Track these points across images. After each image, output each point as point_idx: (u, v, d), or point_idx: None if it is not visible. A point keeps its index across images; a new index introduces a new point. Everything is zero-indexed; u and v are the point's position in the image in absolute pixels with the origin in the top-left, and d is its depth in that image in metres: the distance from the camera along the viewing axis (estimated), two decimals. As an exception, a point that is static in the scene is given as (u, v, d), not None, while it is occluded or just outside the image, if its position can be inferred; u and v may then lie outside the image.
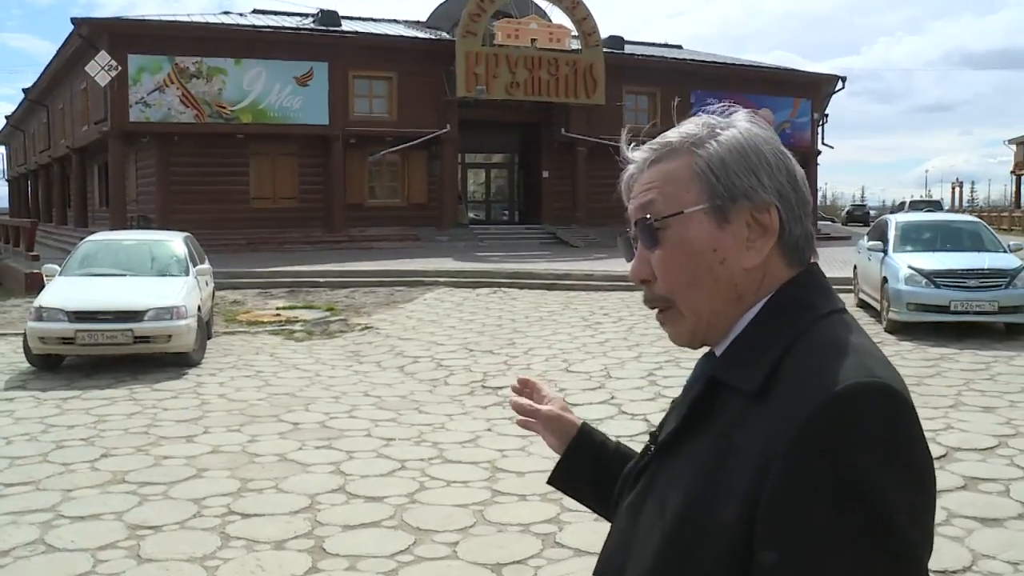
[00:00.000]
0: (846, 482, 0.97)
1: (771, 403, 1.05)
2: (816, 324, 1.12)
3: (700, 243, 1.15)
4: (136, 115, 26.58)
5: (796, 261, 1.17)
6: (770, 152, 1.17)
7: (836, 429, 0.99)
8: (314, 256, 24.45)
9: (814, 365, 1.05)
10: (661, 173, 1.19)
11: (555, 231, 30.88)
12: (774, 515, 1.00)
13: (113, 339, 10.06)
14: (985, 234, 13.69)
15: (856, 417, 0.99)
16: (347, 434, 7.61)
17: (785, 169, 1.18)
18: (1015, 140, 69.21)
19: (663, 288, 1.19)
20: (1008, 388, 8.87)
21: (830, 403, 1.00)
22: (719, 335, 1.18)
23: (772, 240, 1.14)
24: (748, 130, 1.19)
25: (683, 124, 1.22)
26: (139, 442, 7.32)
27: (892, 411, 1.01)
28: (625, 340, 11.87)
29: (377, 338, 12.78)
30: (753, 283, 1.16)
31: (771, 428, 1.02)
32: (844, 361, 1.04)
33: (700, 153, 1.17)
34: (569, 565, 4.81)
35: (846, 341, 1.09)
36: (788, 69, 39.79)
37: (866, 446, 0.98)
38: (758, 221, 1.14)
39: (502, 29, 30.03)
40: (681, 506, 1.10)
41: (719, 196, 1.15)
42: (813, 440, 0.99)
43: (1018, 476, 6.14)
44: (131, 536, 5.25)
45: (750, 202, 1.14)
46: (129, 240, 12.99)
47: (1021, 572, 4.64)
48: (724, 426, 1.10)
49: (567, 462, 1.57)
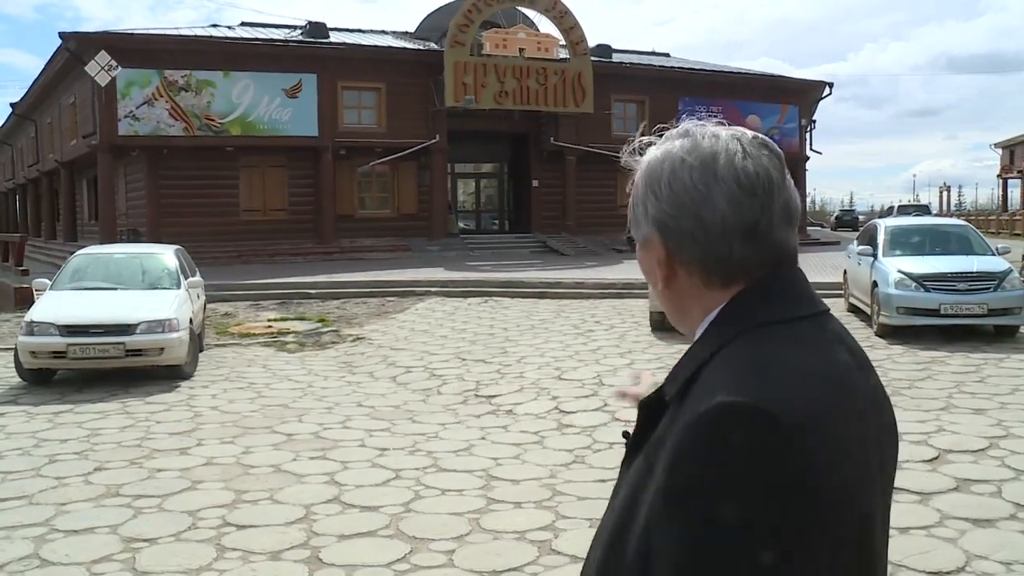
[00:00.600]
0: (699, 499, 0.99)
1: (682, 415, 1.06)
2: (742, 337, 1.11)
3: (644, 264, 1.25)
4: (125, 128, 26.57)
5: (719, 280, 1.16)
6: (666, 179, 1.17)
7: (699, 444, 1.00)
8: (305, 267, 24.43)
9: (716, 379, 1.06)
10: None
11: (545, 240, 30.93)
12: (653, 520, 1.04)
13: (105, 353, 10.04)
14: (973, 237, 13.76)
15: (717, 438, 0.99)
16: (341, 444, 7.61)
17: (672, 195, 1.16)
18: (1001, 144, 69.61)
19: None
20: (998, 390, 8.91)
21: (704, 418, 1.01)
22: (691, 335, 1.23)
23: (666, 268, 1.19)
24: (652, 157, 1.21)
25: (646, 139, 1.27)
26: (132, 455, 7.30)
27: (752, 436, 0.98)
28: (617, 347, 11.90)
29: (369, 348, 12.78)
30: (681, 301, 1.21)
31: (674, 439, 1.05)
32: (737, 379, 1.04)
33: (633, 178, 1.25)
34: (565, 572, 4.82)
35: (759, 357, 1.07)
36: (775, 76, 39.98)
37: (718, 468, 0.98)
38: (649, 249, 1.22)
39: (490, 39, 30.12)
40: (620, 506, 1.16)
41: (635, 220, 1.23)
42: (681, 449, 1.02)
43: (1009, 477, 6.17)
44: (126, 549, 5.24)
45: (641, 233, 1.22)
46: (120, 253, 12.97)
47: (1014, 572, 4.67)
48: (660, 432, 1.12)
49: None
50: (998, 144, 69.96)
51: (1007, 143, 68.09)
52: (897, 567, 4.61)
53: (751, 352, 1.08)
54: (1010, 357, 10.68)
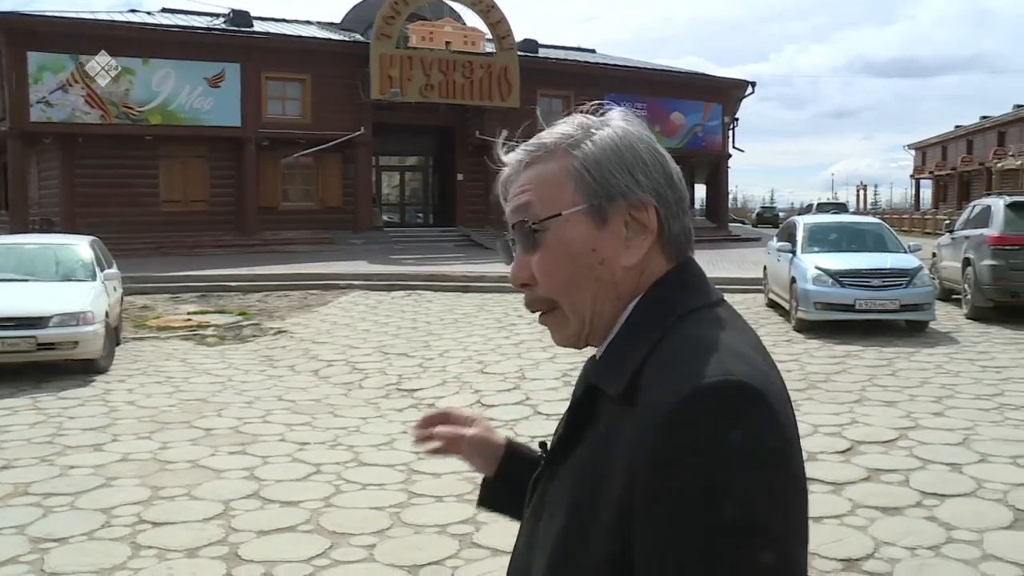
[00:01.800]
0: (704, 485, 0.96)
1: (635, 407, 1.04)
2: (681, 322, 1.10)
3: (579, 244, 1.14)
4: (37, 115, 25.76)
5: (675, 257, 1.17)
6: (645, 150, 1.17)
7: (689, 432, 0.97)
8: (226, 260, 24.00)
9: (671, 366, 1.04)
10: (536, 175, 1.17)
11: (469, 233, 30.92)
12: (643, 520, 0.99)
13: (15, 347, 9.72)
14: (887, 235, 14.18)
15: (707, 418, 0.98)
16: (261, 439, 7.51)
17: (661, 167, 1.17)
18: (914, 145, 71.85)
19: (545, 290, 1.17)
20: (908, 383, 9.20)
21: (682, 406, 0.98)
22: (601, 336, 1.18)
23: (651, 238, 1.14)
24: (623, 128, 1.18)
25: (557, 124, 1.20)
26: (43, 452, 7.09)
27: (743, 409, 0.99)
28: (540, 341, 11.95)
29: (291, 342, 12.63)
30: (631, 281, 1.15)
31: (634, 433, 1.01)
32: (699, 360, 1.02)
33: (575, 154, 1.15)
34: (486, 565, 4.83)
35: (707, 338, 1.07)
36: (700, 74, 40.59)
37: (719, 446, 0.96)
38: (636, 219, 1.14)
39: (416, 32, 29.98)
40: (566, 513, 1.10)
41: (596, 196, 1.14)
42: (669, 444, 0.97)
43: (917, 467, 6.38)
44: (34, 550, 5.08)
45: (627, 201, 1.14)
46: (31, 244, 12.54)
47: (918, 556, 4.83)
48: (601, 431, 1.10)
49: (503, 481, 1.50)
50: (911, 146, 72.26)
51: (919, 145, 70.35)
52: (811, 555, 4.71)
53: (699, 335, 1.08)
54: (920, 351, 11.03)
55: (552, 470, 1.20)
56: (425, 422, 1.56)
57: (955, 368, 9.99)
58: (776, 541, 0.97)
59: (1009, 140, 53.23)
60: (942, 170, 63.19)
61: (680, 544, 0.96)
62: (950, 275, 15.42)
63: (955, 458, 6.56)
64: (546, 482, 1.21)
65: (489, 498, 1.55)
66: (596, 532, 1.04)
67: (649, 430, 0.99)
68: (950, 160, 62.25)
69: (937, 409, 8.09)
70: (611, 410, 1.09)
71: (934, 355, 10.80)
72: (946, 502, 5.66)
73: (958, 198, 56.47)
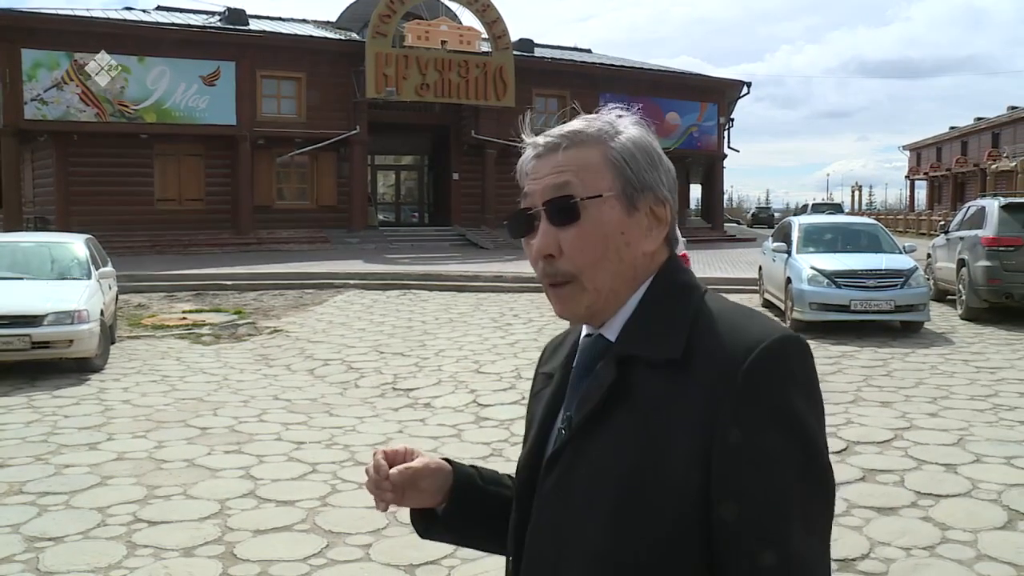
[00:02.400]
0: (786, 418, 1.14)
1: (700, 365, 1.17)
2: (706, 298, 1.26)
3: (612, 225, 1.25)
4: (32, 112, 25.71)
5: (671, 249, 1.32)
6: (661, 154, 1.31)
7: (773, 374, 1.15)
8: (221, 259, 23.98)
9: (730, 328, 1.19)
10: (575, 158, 1.27)
11: (465, 233, 30.93)
12: (733, 447, 1.12)
13: (9, 345, 9.70)
14: (882, 236, 14.20)
15: (785, 364, 1.16)
16: (257, 438, 7.50)
17: (671, 171, 1.32)
18: (909, 146, 71.98)
19: (570, 263, 1.26)
20: (903, 383, 9.22)
21: (764, 354, 1.15)
22: (610, 313, 1.28)
23: (665, 231, 1.29)
24: (646, 131, 1.32)
25: (583, 118, 1.31)
26: (38, 451, 7.08)
27: (805, 357, 1.19)
28: (535, 341, 11.95)
29: (286, 341, 12.62)
30: (645, 266, 1.28)
31: (709, 383, 1.15)
32: (754, 322, 1.20)
33: (613, 145, 1.27)
34: (482, 564, 4.84)
35: (740, 309, 1.25)
36: (695, 74, 40.60)
37: (795, 387, 1.16)
38: (655, 213, 1.28)
39: (412, 31, 29.96)
40: (625, 477, 1.17)
41: (631, 185, 1.26)
42: (755, 387, 1.13)
43: (912, 467, 6.40)
44: (29, 549, 5.07)
45: (653, 195, 1.28)
46: (26, 242, 12.50)
47: (913, 556, 4.85)
48: (648, 396, 1.19)
49: (458, 506, 1.47)
50: (906, 146, 72.42)
51: (914, 146, 70.49)
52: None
53: (732, 307, 1.25)
54: (915, 352, 11.06)
55: (579, 444, 1.24)
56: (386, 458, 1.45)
57: (950, 369, 10.02)
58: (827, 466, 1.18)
59: (1003, 141, 53.41)
60: (937, 171, 63.35)
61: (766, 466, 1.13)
62: (945, 276, 15.45)
63: (950, 458, 6.58)
64: (570, 459, 1.25)
65: (448, 524, 1.49)
66: (668, 487, 1.15)
67: (731, 381, 1.13)
68: (945, 161, 62.40)
69: (932, 410, 8.11)
70: (656, 377, 1.19)
71: (929, 356, 10.83)
72: (941, 502, 5.68)
73: (953, 199, 56.63)
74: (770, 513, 1.12)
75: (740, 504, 1.12)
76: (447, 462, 1.49)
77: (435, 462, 1.47)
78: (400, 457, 1.45)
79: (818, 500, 1.16)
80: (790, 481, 1.13)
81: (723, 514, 1.13)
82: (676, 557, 1.15)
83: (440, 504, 1.48)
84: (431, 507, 1.49)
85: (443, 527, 1.50)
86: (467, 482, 1.49)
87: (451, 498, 1.47)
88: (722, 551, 1.14)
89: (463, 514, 1.48)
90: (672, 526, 1.15)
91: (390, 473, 1.42)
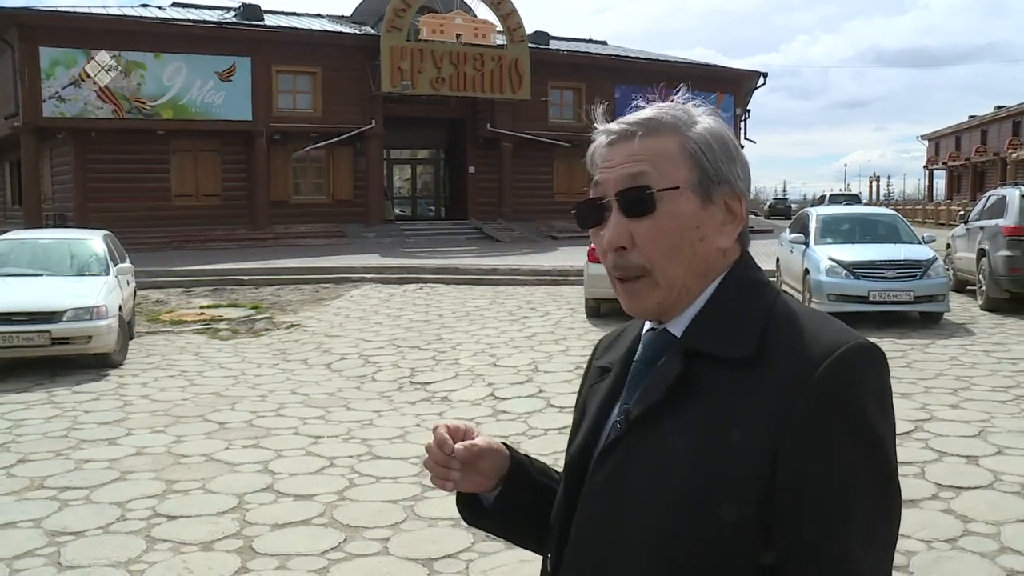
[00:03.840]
0: (858, 427, 1.12)
1: (773, 365, 1.14)
2: (779, 298, 1.23)
3: (687, 218, 1.22)
4: (50, 110, 25.86)
5: (744, 246, 1.28)
6: (738, 148, 1.28)
7: (848, 378, 1.12)
8: (238, 254, 24.07)
9: (806, 331, 1.17)
10: (651, 147, 1.23)
11: (481, 226, 30.92)
12: (803, 446, 1.10)
13: (29, 341, 9.76)
14: (901, 226, 14.09)
15: (860, 369, 1.14)
16: (274, 433, 7.52)
17: (747, 165, 1.28)
18: (927, 136, 71.44)
19: (643, 257, 1.22)
20: (923, 374, 9.15)
21: (841, 358, 1.12)
22: (679, 309, 1.24)
23: (740, 226, 1.25)
24: (722, 123, 1.29)
25: (656, 106, 1.28)
26: (58, 446, 7.12)
27: (881, 366, 1.17)
28: (552, 334, 11.94)
29: (304, 336, 12.65)
30: (718, 262, 1.24)
31: (783, 383, 1.12)
32: (829, 327, 1.18)
33: (690, 135, 1.24)
34: (501, 558, 4.83)
35: (815, 312, 1.23)
36: (711, 65, 40.40)
37: (868, 391, 1.14)
38: (729, 207, 1.24)
39: (427, 24, 29.95)
40: (685, 472, 1.14)
41: (709, 178, 1.23)
42: (832, 387, 1.11)
43: (932, 459, 6.35)
44: (51, 543, 5.10)
45: (730, 188, 1.24)
46: (45, 239, 12.57)
47: (935, 549, 4.80)
48: (716, 392, 1.16)
49: (511, 492, 1.43)
50: (925, 136, 71.89)
51: (933, 135, 69.95)
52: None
53: (806, 310, 1.23)
54: (935, 343, 10.97)
55: (637, 437, 1.21)
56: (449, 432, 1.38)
57: (970, 360, 9.93)
58: (895, 473, 1.16)
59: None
60: (956, 160, 62.85)
61: (836, 470, 1.10)
62: (965, 266, 15.33)
63: (971, 450, 6.52)
64: (626, 451, 1.22)
65: (499, 510, 1.44)
66: (732, 482, 1.12)
67: (805, 384, 1.11)
68: (964, 151, 61.89)
69: (953, 401, 8.04)
70: (723, 372, 1.17)
71: (949, 347, 10.74)
72: (962, 494, 5.63)
73: (972, 189, 56.17)
74: (833, 524, 1.09)
75: (803, 511, 1.10)
76: (504, 446, 1.45)
77: (496, 442, 1.43)
78: (461, 434, 1.40)
79: (884, 515, 1.14)
80: (859, 492, 1.10)
81: (784, 520, 1.11)
82: (732, 557, 1.12)
83: (492, 489, 1.44)
84: (480, 492, 1.44)
85: (492, 513, 1.45)
86: (522, 469, 1.45)
87: (506, 483, 1.43)
88: (780, 557, 1.11)
89: (515, 501, 1.44)
90: (730, 526, 1.12)
91: (455, 448, 1.36)
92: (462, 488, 1.41)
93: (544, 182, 33.25)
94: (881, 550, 1.13)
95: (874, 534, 1.11)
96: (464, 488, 1.41)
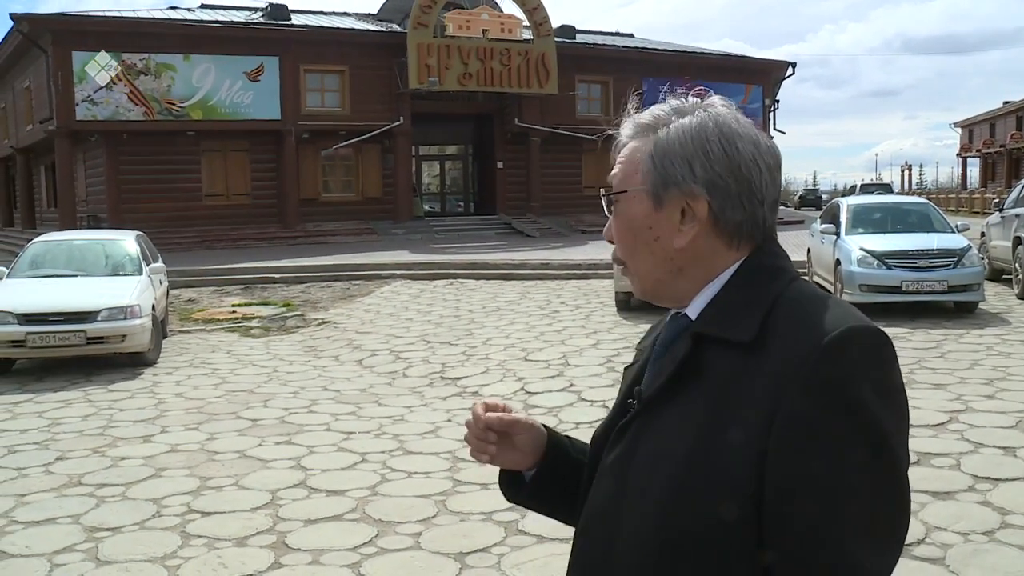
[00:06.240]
0: (852, 407, 1.10)
1: (771, 350, 1.15)
2: (792, 284, 1.23)
3: (638, 220, 1.27)
4: (83, 113, 26.15)
5: (740, 243, 1.25)
6: (715, 141, 1.23)
7: (841, 364, 1.11)
8: (269, 252, 24.24)
9: (806, 315, 1.17)
10: (631, 151, 1.30)
11: (510, 221, 30.90)
12: (792, 438, 1.10)
13: (65, 341, 9.89)
14: (934, 215, 13.91)
15: (856, 354, 1.12)
16: (307, 429, 7.58)
17: (726, 159, 1.23)
18: (960, 123, 70.54)
19: (616, 250, 1.33)
20: (958, 365, 9.04)
21: (834, 343, 1.12)
22: (670, 298, 1.30)
23: (698, 227, 1.24)
24: (702, 118, 1.25)
25: (667, 103, 1.30)
26: (95, 444, 7.22)
27: (881, 349, 1.15)
28: (583, 328, 11.92)
29: (335, 332, 12.72)
30: (691, 260, 1.26)
31: (777, 370, 1.12)
32: (832, 311, 1.17)
33: (657, 137, 1.26)
34: (532, 552, 4.84)
35: (824, 296, 1.22)
36: (739, 56, 40.13)
37: (865, 378, 1.12)
38: (691, 207, 1.24)
39: (453, 20, 29.96)
40: (689, 450, 1.17)
41: (654, 182, 1.25)
42: (823, 374, 1.10)
43: (968, 450, 6.26)
44: (89, 539, 5.18)
45: (680, 190, 1.24)
46: (80, 240, 12.77)
47: (971, 542, 4.74)
48: (719, 376, 1.18)
49: (549, 470, 1.49)
50: (957, 124, 70.97)
51: (966, 123, 69.04)
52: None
53: (816, 294, 1.22)
54: (969, 333, 10.83)
55: (647, 418, 1.25)
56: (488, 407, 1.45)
57: (1006, 349, 9.80)
58: (897, 459, 1.15)
59: (1059, 116, 52.06)
60: (990, 148, 61.97)
61: (827, 454, 1.09)
62: (1000, 255, 15.12)
63: (1008, 441, 6.43)
64: (636, 431, 1.26)
65: (538, 488, 1.49)
66: (730, 461, 1.13)
67: (801, 366, 1.11)
68: (999, 137, 60.98)
69: (988, 391, 7.93)
70: (730, 357, 1.18)
71: (984, 336, 10.60)
72: (1000, 486, 5.55)
73: (1007, 176, 55.36)
74: (822, 506, 1.09)
75: (793, 490, 1.10)
76: (543, 426, 1.51)
77: (533, 420, 1.49)
78: (499, 410, 1.46)
79: (883, 500, 1.12)
80: (851, 472, 1.09)
81: (774, 519, 1.11)
82: (723, 551, 1.13)
83: (531, 467, 1.49)
84: (520, 469, 1.50)
85: (531, 491, 1.51)
86: (560, 447, 1.51)
87: (544, 461, 1.49)
88: (774, 556, 1.12)
89: (553, 479, 1.48)
90: (720, 521, 1.12)
91: (486, 417, 1.42)
92: (501, 464, 1.48)
93: (573, 176, 33.15)
94: (878, 535, 1.13)
95: (869, 519, 1.11)
96: (502, 464, 1.48)
